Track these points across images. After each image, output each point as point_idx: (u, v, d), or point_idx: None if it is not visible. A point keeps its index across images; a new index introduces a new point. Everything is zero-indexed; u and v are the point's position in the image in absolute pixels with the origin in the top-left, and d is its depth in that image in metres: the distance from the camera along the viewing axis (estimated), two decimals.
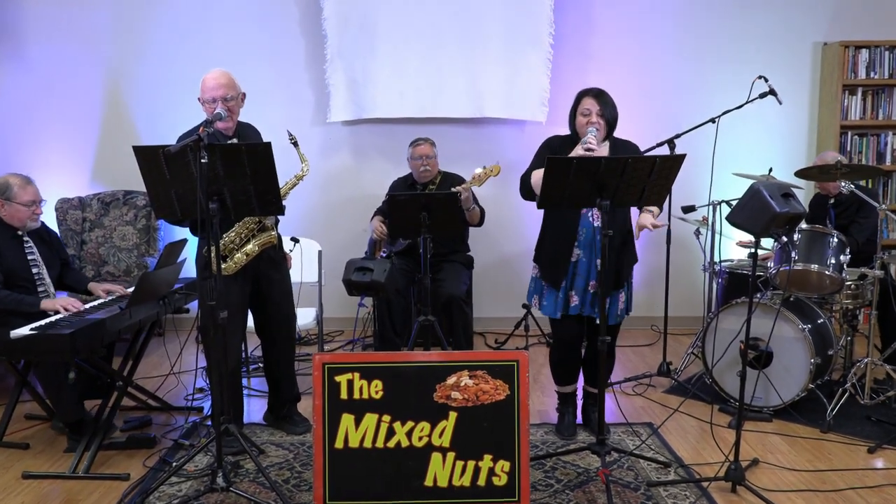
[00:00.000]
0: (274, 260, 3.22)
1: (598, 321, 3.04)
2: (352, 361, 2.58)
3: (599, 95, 3.05)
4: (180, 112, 4.96)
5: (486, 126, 5.10)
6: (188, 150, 2.51)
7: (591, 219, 3.05)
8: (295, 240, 3.90)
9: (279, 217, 3.22)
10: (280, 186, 3.08)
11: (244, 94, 3.13)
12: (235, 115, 3.09)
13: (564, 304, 3.11)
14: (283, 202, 3.06)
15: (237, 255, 3.06)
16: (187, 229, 3.19)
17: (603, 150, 3.06)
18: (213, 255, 2.65)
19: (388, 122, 5.04)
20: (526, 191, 3.13)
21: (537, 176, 2.99)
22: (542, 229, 3.22)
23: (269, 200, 2.71)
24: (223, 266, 2.99)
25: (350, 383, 2.53)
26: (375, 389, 2.53)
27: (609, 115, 3.04)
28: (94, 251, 4.85)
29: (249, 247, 3.08)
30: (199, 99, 3.07)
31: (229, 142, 3.05)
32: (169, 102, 5.04)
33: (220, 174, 2.59)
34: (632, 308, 3.23)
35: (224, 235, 3.02)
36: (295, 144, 3.15)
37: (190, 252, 3.63)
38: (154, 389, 3.77)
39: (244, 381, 3.76)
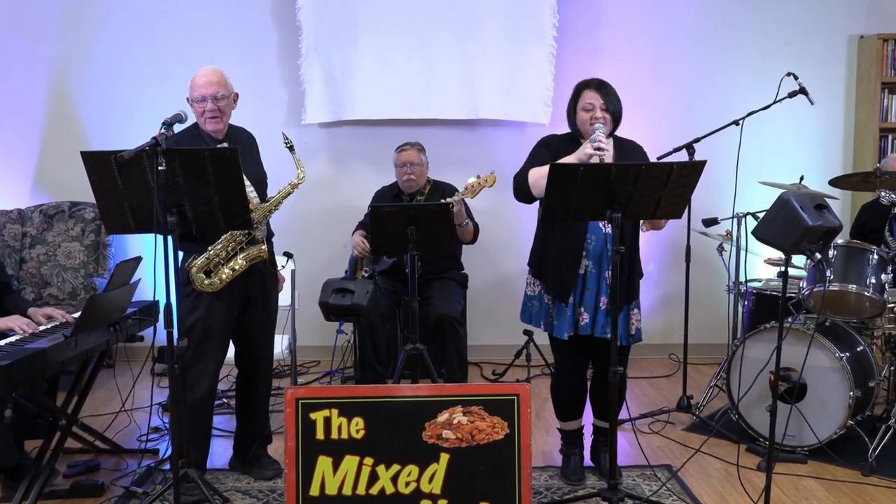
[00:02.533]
0: (265, 278, 3.26)
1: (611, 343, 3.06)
2: (329, 396, 2.57)
3: (602, 87, 3.06)
4: (135, 113, 4.98)
5: (483, 128, 5.13)
6: (144, 155, 2.52)
7: (601, 226, 3.04)
8: (288, 254, 3.90)
9: (273, 231, 3.32)
10: (272, 196, 3.19)
11: (237, 95, 3.22)
12: (227, 116, 3.17)
13: (574, 322, 3.09)
14: (275, 212, 3.19)
15: (223, 271, 3.08)
16: (143, 245, 3.20)
17: (609, 151, 3.07)
18: (187, 272, 2.64)
19: (371, 123, 5.06)
20: (521, 191, 3.11)
21: (537, 174, 2.99)
22: (538, 237, 3.20)
23: (235, 213, 2.71)
24: (207, 282, 3.05)
25: (327, 421, 2.52)
26: (356, 428, 2.52)
27: (614, 109, 3.05)
28: (34, 271, 4.83)
29: (236, 261, 3.10)
30: (187, 98, 3.15)
31: (219, 146, 3.08)
32: (122, 102, 5.05)
33: (181, 183, 2.59)
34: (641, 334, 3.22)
35: (210, 248, 3.07)
36: (291, 149, 3.23)
37: (146, 271, 3.61)
38: (103, 429, 3.74)
39: None
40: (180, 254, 3.11)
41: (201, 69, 3.16)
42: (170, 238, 2.63)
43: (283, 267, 3.54)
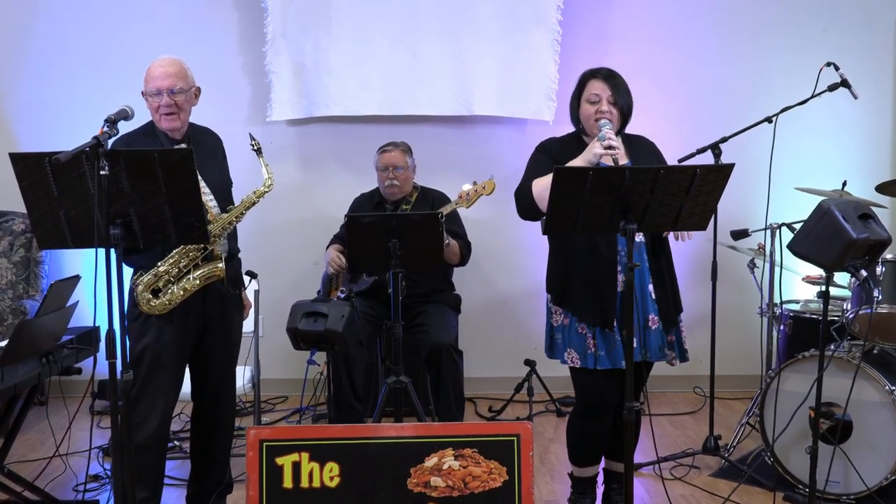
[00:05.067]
0: (226, 301, 3.27)
1: (666, 363, 3.11)
2: (298, 438, 2.56)
3: (610, 78, 3.09)
4: (74, 109, 4.97)
5: (478, 127, 5.15)
6: (83, 157, 2.51)
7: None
8: (251, 274, 3.90)
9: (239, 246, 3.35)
10: (234, 205, 3.20)
11: (199, 89, 3.25)
12: (186, 113, 3.19)
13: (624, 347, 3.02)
14: (236, 224, 3.21)
15: (174, 291, 3.08)
16: (82, 262, 3.20)
17: (621, 150, 3.09)
18: (147, 292, 2.63)
19: (348, 120, 5.07)
20: (525, 207, 3.12)
21: (541, 185, 2.98)
22: (555, 258, 3.18)
23: (189, 225, 2.71)
24: (154, 303, 3.06)
25: (296, 467, 2.51)
26: (330, 475, 2.51)
27: (623, 103, 3.08)
28: None
29: (189, 280, 3.10)
30: (142, 92, 3.16)
31: (174, 147, 3.09)
32: (58, 97, 5.04)
33: (126, 190, 2.59)
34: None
35: (159, 264, 3.08)
36: (258, 152, 3.26)
37: (85, 292, 3.61)
38: (33, 477, 3.71)
39: None
40: (128, 271, 3.12)
41: (158, 59, 3.17)
42: (113, 253, 2.62)
43: (246, 288, 3.53)
